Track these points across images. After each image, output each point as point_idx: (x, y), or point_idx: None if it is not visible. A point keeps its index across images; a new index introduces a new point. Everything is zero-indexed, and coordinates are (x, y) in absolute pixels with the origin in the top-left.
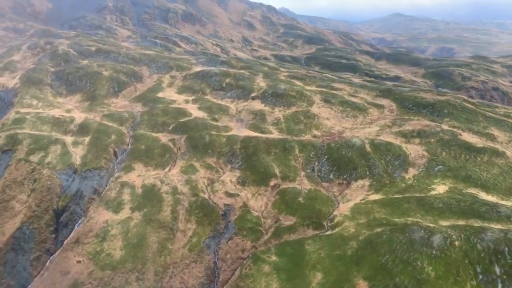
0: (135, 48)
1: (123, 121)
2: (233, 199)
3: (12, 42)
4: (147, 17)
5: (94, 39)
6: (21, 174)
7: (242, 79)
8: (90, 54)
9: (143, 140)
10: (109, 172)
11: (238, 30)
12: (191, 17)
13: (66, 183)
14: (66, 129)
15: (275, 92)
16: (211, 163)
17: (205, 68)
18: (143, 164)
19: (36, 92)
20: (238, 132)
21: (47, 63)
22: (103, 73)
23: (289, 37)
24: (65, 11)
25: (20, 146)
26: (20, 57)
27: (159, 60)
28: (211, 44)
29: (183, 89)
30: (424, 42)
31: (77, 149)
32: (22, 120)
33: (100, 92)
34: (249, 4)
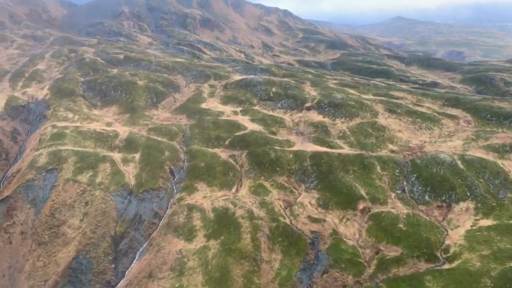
0: (163, 56)
1: (173, 135)
2: (319, 225)
3: (33, 50)
4: (165, 23)
5: (118, 46)
6: (70, 196)
7: (290, 88)
8: (119, 63)
9: (200, 157)
10: (168, 193)
11: (256, 35)
12: (209, 23)
13: (121, 205)
14: (111, 144)
15: (332, 101)
16: (283, 183)
17: (245, 76)
18: (206, 183)
19: (70, 104)
20: (303, 147)
21: (75, 72)
22: (137, 82)
23: (310, 42)
24: (80, 17)
25: (66, 165)
26: (45, 66)
27: (193, 69)
28: (235, 51)
29: (227, 100)
30: (433, 46)
31: (128, 167)
32: (62, 135)
33: (138, 103)
34: (264, 9)
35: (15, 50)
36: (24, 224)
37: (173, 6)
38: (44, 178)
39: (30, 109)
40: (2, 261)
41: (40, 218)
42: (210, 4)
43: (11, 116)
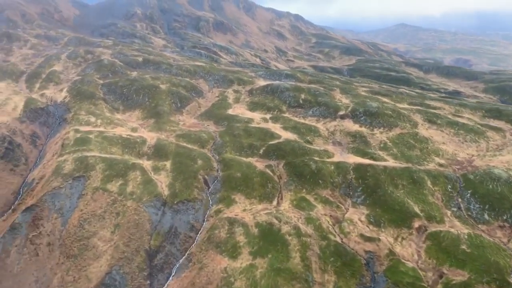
0: (181, 59)
1: (203, 142)
2: (374, 245)
3: (48, 50)
4: (178, 26)
5: (135, 48)
6: (100, 206)
7: (320, 95)
8: (138, 65)
9: (235, 166)
10: (203, 204)
11: (268, 39)
12: (222, 26)
13: (155, 217)
14: (139, 151)
15: (368, 110)
16: (327, 197)
17: (270, 82)
18: (244, 195)
19: (91, 107)
20: (344, 158)
21: (93, 74)
22: (160, 86)
23: (324, 48)
24: (92, 18)
25: (94, 172)
26: (62, 67)
27: (215, 73)
28: (250, 55)
29: (254, 106)
30: (439, 53)
31: (159, 176)
32: (87, 140)
33: (163, 108)
34: (276, 13)
35: (29, 50)
36: (51, 234)
37: (185, 8)
38: (71, 186)
39: (49, 111)
40: (28, 274)
41: (68, 229)
42: (222, 7)
43: (30, 119)
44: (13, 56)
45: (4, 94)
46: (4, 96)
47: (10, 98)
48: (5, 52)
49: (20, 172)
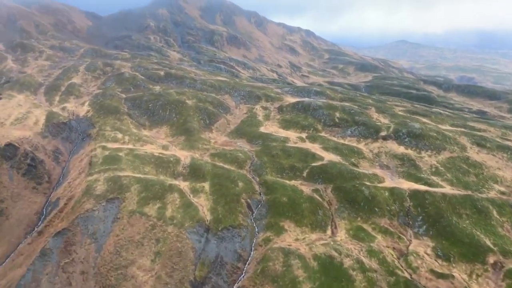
0: (203, 73)
1: (241, 163)
2: (448, 282)
3: (64, 62)
4: (192, 39)
5: (154, 61)
6: (138, 231)
7: (356, 114)
8: (160, 79)
9: (279, 190)
10: (249, 231)
11: (281, 54)
12: (236, 40)
13: (198, 245)
14: (174, 171)
15: (411, 131)
16: (386, 226)
17: (300, 99)
18: (294, 223)
19: (116, 122)
20: (396, 183)
21: (114, 87)
22: (186, 102)
23: (338, 64)
24: (106, 29)
25: (129, 194)
26: (81, 80)
27: (240, 89)
28: (266, 70)
29: (286, 124)
30: (442, 71)
31: (199, 199)
32: (117, 159)
33: (192, 124)
34: (287, 28)
35: (45, 61)
36: (84, 262)
37: (198, 22)
38: (105, 209)
39: (71, 126)
40: None
41: (104, 256)
42: (233, 21)
43: (52, 134)
44: (29, 67)
45: (24, 107)
46: (25, 110)
47: (31, 112)
48: (20, 62)
49: (43, 190)
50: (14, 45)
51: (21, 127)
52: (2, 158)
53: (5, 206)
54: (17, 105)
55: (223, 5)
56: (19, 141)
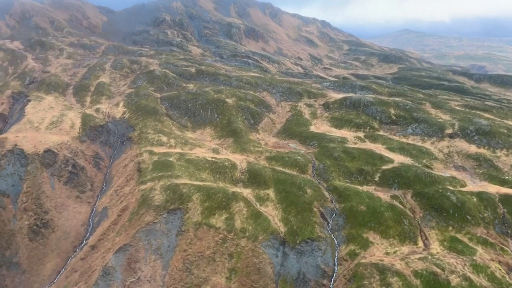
0: (232, 69)
1: (302, 167)
2: None
3: (87, 60)
4: (209, 33)
5: (181, 58)
6: (207, 245)
7: (412, 110)
8: (192, 77)
9: (354, 197)
10: (329, 243)
11: (299, 46)
12: (253, 33)
13: (276, 260)
14: (232, 177)
15: (480, 128)
16: (484, 236)
17: (346, 95)
18: (379, 234)
19: (157, 124)
20: (481, 187)
21: (146, 86)
22: (226, 101)
23: (359, 55)
24: (121, 24)
25: (191, 204)
26: (109, 79)
27: (278, 85)
28: (290, 63)
29: (338, 122)
30: (452, 60)
31: (267, 208)
32: (169, 164)
33: (237, 125)
34: (302, 19)
35: (67, 59)
36: (152, 281)
37: (213, 14)
38: (166, 221)
39: (109, 129)
40: None
41: (172, 274)
42: (248, 13)
43: (90, 138)
44: (52, 66)
45: (56, 109)
46: (57, 112)
47: (65, 115)
48: (41, 61)
49: (87, 199)
50: (33, 43)
51: (57, 132)
52: (42, 166)
53: (50, 217)
54: (49, 107)
55: None
56: (57, 147)
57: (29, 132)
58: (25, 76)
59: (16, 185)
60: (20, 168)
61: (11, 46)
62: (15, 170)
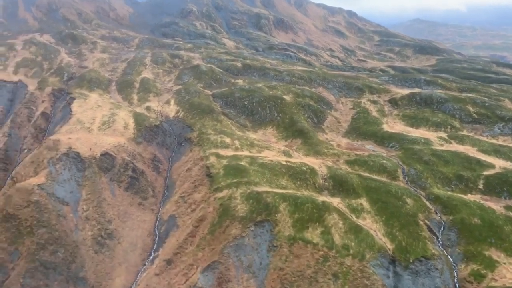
0: (277, 63)
1: (390, 172)
2: None
3: (123, 54)
4: (238, 24)
5: (222, 51)
6: (306, 263)
7: (494, 107)
8: (239, 72)
9: (461, 208)
10: (444, 262)
11: (328, 37)
12: (282, 24)
13: (387, 281)
14: (315, 184)
15: None
16: None
17: (412, 90)
18: (503, 252)
19: (215, 124)
20: None
21: (194, 82)
22: (284, 98)
23: (393, 46)
24: (147, 16)
25: (280, 216)
26: (152, 74)
27: (333, 79)
28: (327, 55)
29: (412, 121)
30: (471, 50)
31: (364, 220)
32: (241, 169)
33: (302, 124)
34: (327, 9)
35: (102, 53)
36: None
37: (239, 5)
38: (254, 235)
39: (164, 129)
40: None
41: None
42: (273, 3)
43: (146, 140)
44: (88, 61)
45: (105, 108)
46: (107, 111)
47: (115, 114)
48: (76, 56)
49: (150, 206)
50: (64, 36)
51: (111, 133)
52: (100, 171)
53: (114, 227)
54: (96, 105)
55: None
56: (114, 150)
57: (81, 133)
58: (62, 72)
59: (74, 191)
60: (77, 173)
61: (41, 39)
62: (72, 175)
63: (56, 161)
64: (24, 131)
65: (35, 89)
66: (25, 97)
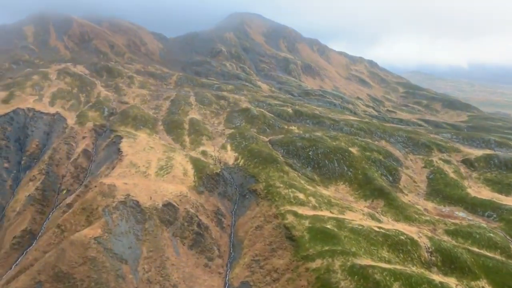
0: (325, 111)
1: (503, 249)
2: None
3: (161, 91)
4: (266, 67)
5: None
6: None
7: None
8: (290, 118)
9: None
10: None
11: (353, 86)
12: (310, 70)
13: None
14: (419, 258)
15: None
16: None
17: (488, 152)
18: None
19: (282, 176)
20: None
21: (246, 127)
22: (350, 150)
23: (420, 99)
24: (175, 53)
25: None
26: (199, 115)
27: (393, 133)
28: (361, 104)
29: (498, 187)
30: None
31: None
32: (331, 234)
33: (379, 183)
34: (348, 57)
35: (140, 89)
36: None
37: (266, 48)
38: None
39: (225, 178)
40: None
41: None
42: (297, 49)
43: (208, 189)
44: (127, 96)
45: (158, 150)
46: (161, 154)
47: (172, 157)
48: (113, 90)
49: (217, 268)
50: (99, 69)
51: (170, 179)
52: (162, 224)
53: None
54: (148, 147)
55: (285, 31)
56: (176, 200)
57: (137, 178)
58: (102, 106)
59: (133, 247)
60: (135, 225)
61: (76, 70)
62: (129, 228)
63: (112, 210)
64: (63, 169)
65: (74, 124)
66: (65, 132)
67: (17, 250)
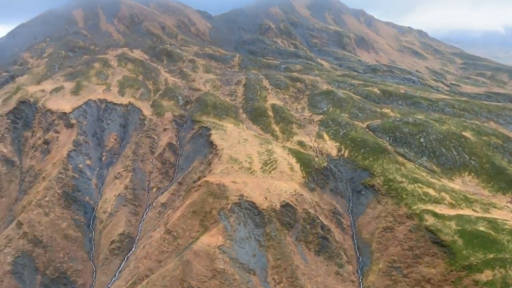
0: (410, 89)
1: None
2: None
3: (228, 74)
4: (319, 42)
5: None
6: None
7: None
8: (379, 99)
9: None
10: None
11: (408, 58)
12: (364, 43)
13: None
14: None
15: None
16: None
17: None
18: None
19: (398, 168)
20: None
21: (335, 111)
22: (465, 135)
23: (483, 70)
24: (223, 31)
25: None
26: (279, 100)
27: (500, 112)
28: (428, 78)
29: None
30: None
31: None
32: (489, 239)
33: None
34: (397, 28)
35: (206, 74)
36: None
37: (314, 22)
38: None
39: (333, 172)
40: None
41: None
42: (343, 21)
43: (319, 186)
44: (196, 82)
45: (253, 142)
46: (259, 147)
47: (272, 151)
48: (178, 75)
49: (349, 277)
50: (158, 53)
51: (278, 176)
52: (283, 227)
53: None
54: (242, 139)
55: (330, 2)
56: (293, 199)
57: (242, 175)
58: (174, 95)
59: (257, 255)
60: (255, 230)
61: (134, 55)
62: (249, 233)
63: (228, 213)
64: (149, 165)
65: (152, 115)
66: (143, 124)
67: (118, 255)
